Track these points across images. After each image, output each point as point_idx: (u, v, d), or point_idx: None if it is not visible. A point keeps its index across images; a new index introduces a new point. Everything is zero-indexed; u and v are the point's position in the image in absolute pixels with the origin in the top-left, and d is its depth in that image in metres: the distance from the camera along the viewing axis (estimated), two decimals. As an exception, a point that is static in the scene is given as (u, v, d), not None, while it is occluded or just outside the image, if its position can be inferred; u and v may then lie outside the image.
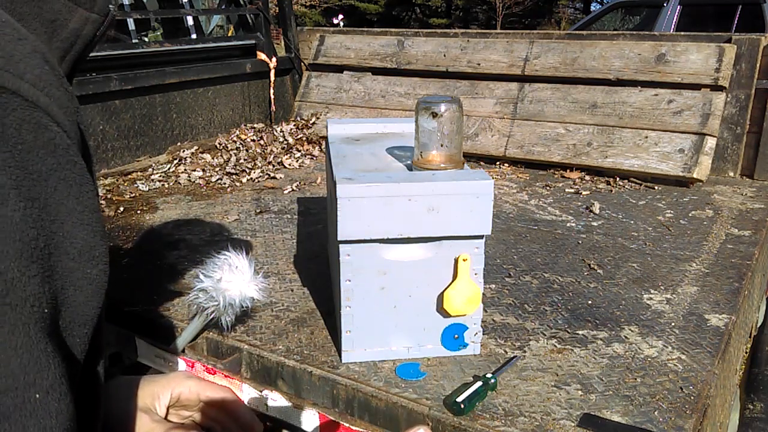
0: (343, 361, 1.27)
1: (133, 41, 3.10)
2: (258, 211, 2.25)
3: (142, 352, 1.47)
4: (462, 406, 1.10)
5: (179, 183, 2.60)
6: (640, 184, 2.55)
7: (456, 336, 1.28)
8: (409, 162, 1.34)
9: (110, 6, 0.65)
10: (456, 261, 1.22)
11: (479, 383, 1.16)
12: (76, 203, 0.50)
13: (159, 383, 0.85)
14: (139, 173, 2.70)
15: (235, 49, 3.43)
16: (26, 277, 0.44)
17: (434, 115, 1.24)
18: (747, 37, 2.61)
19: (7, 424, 0.42)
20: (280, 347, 1.34)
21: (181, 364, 1.39)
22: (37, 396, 0.44)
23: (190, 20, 3.49)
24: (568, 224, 2.11)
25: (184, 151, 2.92)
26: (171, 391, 0.85)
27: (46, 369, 0.45)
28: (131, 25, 3.16)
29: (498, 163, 2.87)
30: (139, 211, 2.25)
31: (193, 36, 3.49)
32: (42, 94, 0.48)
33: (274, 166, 2.84)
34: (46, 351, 0.46)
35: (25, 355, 0.43)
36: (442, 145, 1.27)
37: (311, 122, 3.29)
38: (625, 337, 1.38)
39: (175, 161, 2.83)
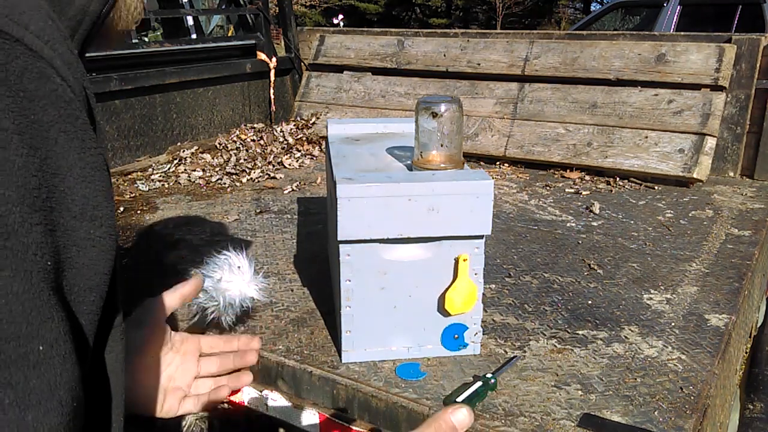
0: (343, 361, 1.27)
1: (133, 41, 3.09)
2: (258, 211, 2.25)
3: (142, 352, 1.47)
4: (462, 406, 1.10)
5: (179, 183, 2.60)
6: (640, 184, 2.55)
7: (456, 336, 1.28)
8: (409, 162, 1.35)
9: None
10: (456, 261, 1.22)
11: (479, 383, 1.16)
12: (77, 158, 0.48)
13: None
14: (139, 173, 2.70)
15: (235, 49, 3.43)
16: (28, 224, 0.43)
17: (434, 115, 1.24)
18: (747, 37, 2.61)
19: (8, 373, 0.40)
20: (280, 347, 1.34)
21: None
22: (41, 348, 0.42)
23: (190, 20, 3.49)
24: (568, 224, 2.11)
25: (184, 151, 2.92)
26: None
27: (50, 321, 0.43)
28: (131, 25, 3.15)
29: (498, 163, 2.87)
30: (139, 211, 2.25)
31: (193, 36, 3.49)
32: (46, 47, 0.47)
33: (274, 166, 2.84)
34: (50, 303, 0.44)
35: (27, 303, 0.42)
36: (442, 145, 1.27)
37: (311, 122, 3.29)
38: (625, 337, 1.38)
39: (175, 161, 2.83)
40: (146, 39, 3.44)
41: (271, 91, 3.48)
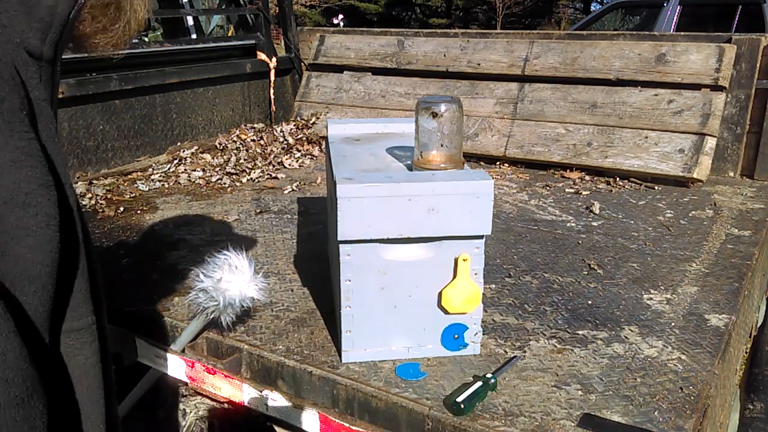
0: (343, 361, 1.27)
1: (133, 41, 3.10)
2: (258, 211, 2.25)
3: (142, 352, 1.47)
4: (462, 406, 1.10)
5: (179, 183, 2.60)
6: (640, 184, 2.55)
7: (456, 336, 1.28)
8: (409, 162, 1.35)
9: None
10: (456, 261, 1.22)
11: (479, 383, 1.16)
12: (4, 142, 0.46)
13: None
14: (139, 173, 2.70)
15: (235, 49, 3.43)
16: None
17: (434, 115, 1.24)
18: (747, 37, 2.61)
19: None
20: (280, 347, 1.34)
21: (181, 364, 1.39)
22: None
23: (190, 20, 3.49)
24: (568, 224, 2.11)
25: (184, 151, 2.92)
26: None
27: None
28: (131, 25, 3.16)
29: (498, 163, 2.87)
30: (139, 211, 2.25)
31: (193, 36, 3.49)
32: None
33: (274, 166, 2.84)
34: None
35: None
36: (442, 145, 1.27)
37: (311, 122, 3.29)
38: (625, 337, 1.38)
39: (175, 161, 2.83)
40: (146, 39, 3.43)
41: (271, 91, 3.48)
